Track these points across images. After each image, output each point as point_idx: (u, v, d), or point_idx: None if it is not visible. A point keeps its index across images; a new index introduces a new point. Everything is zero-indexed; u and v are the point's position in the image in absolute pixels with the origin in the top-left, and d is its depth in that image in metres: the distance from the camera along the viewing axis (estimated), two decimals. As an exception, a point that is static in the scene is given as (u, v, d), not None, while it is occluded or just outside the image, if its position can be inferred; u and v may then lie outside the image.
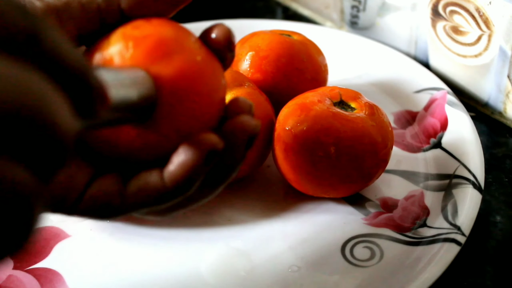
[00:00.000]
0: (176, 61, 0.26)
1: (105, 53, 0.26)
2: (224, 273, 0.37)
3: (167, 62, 0.26)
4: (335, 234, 0.39)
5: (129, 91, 0.23)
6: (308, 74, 0.45)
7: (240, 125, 0.27)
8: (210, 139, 0.25)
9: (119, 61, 0.26)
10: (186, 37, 0.27)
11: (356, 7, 0.58)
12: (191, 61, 0.26)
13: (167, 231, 0.40)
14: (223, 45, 0.28)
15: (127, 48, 0.26)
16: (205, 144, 0.25)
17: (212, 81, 0.27)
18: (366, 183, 0.39)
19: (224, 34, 0.28)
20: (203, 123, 0.26)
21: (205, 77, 0.27)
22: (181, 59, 0.26)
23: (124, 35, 0.26)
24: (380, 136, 0.38)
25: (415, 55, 0.55)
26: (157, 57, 0.26)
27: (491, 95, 0.49)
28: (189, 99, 0.26)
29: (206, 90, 0.26)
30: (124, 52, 0.26)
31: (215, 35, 0.28)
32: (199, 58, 0.27)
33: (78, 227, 0.41)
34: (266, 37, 0.45)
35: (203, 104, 0.26)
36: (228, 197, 0.42)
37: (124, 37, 0.26)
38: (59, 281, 0.37)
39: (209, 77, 0.27)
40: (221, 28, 0.28)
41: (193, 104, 0.26)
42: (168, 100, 0.25)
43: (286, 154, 0.39)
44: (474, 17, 0.46)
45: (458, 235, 0.36)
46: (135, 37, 0.26)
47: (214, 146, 0.25)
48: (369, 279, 0.36)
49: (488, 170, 0.44)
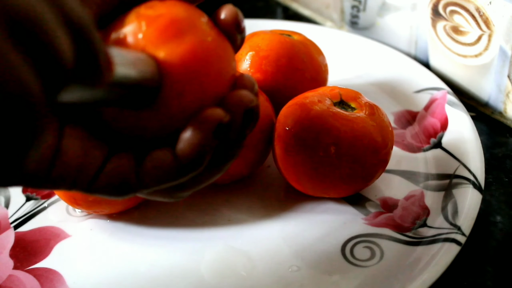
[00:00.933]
0: (186, 42, 0.26)
1: (120, 32, 0.27)
2: (224, 273, 0.37)
3: (178, 42, 0.26)
4: (335, 234, 0.39)
5: (130, 70, 0.24)
6: (308, 74, 0.45)
7: (237, 97, 0.27)
8: (216, 114, 0.26)
9: (132, 40, 0.26)
10: (198, 18, 0.28)
11: (356, 7, 0.58)
12: (201, 42, 0.27)
13: (167, 231, 0.40)
14: (231, 26, 0.28)
15: (140, 28, 0.26)
16: (212, 119, 0.26)
17: (221, 62, 0.27)
18: (366, 183, 0.39)
19: (232, 15, 0.28)
20: (211, 102, 0.27)
21: (215, 58, 0.27)
22: (191, 39, 0.26)
23: (138, 14, 0.27)
24: (380, 136, 0.38)
25: (415, 55, 0.55)
26: (169, 37, 0.26)
27: (491, 95, 0.49)
28: (198, 79, 0.26)
29: (215, 70, 0.27)
30: (137, 31, 0.26)
31: (223, 16, 0.28)
32: (209, 39, 0.27)
33: (78, 227, 0.41)
34: (266, 37, 0.45)
35: (212, 84, 0.27)
36: (228, 197, 0.42)
37: (138, 17, 0.27)
38: (59, 281, 0.37)
39: (218, 58, 0.27)
40: (229, 9, 0.28)
41: (202, 84, 0.26)
42: (177, 80, 0.26)
43: (286, 154, 0.39)
44: (474, 17, 0.46)
45: (458, 235, 0.36)
46: (148, 16, 0.27)
47: (220, 120, 0.26)
48: (369, 279, 0.36)
49: (488, 170, 0.44)
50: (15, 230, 0.41)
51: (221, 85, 0.27)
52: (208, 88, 0.27)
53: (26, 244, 0.40)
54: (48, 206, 0.42)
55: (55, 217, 0.41)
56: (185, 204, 0.42)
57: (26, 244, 0.40)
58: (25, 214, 0.42)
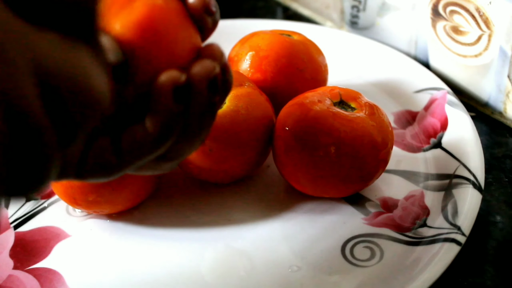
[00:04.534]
0: (136, 8, 0.26)
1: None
2: (224, 273, 0.37)
3: (128, 11, 0.26)
4: (335, 234, 0.39)
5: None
6: (308, 74, 0.45)
7: (197, 66, 0.27)
8: (169, 75, 0.26)
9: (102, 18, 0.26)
10: None
11: (356, 7, 0.58)
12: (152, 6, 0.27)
13: (167, 231, 0.40)
14: (199, 10, 0.29)
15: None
16: (167, 81, 0.26)
17: (178, 28, 0.27)
18: (366, 183, 0.39)
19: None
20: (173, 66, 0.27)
21: (170, 23, 0.27)
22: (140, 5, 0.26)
23: None
24: (380, 136, 0.38)
25: (415, 55, 0.55)
26: (120, 7, 0.26)
27: (491, 95, 0.49)
28: (156, 47, 0.26)
29: (172, 35, 0.27)
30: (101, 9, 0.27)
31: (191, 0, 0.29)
32: (160, 2, 0.27)
33: (78, 227, 0.41)
34: (266, 37, 0.45)
35: (170, 51, 0.27)
36: (228, 197, 0.42)
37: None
38: (59, 281, 0.37)
39: (174, 24, 0.27)
40: None
41: (161, 52, 0.26)
42: (137, 52, 0.26)
43: (286, 154, 0.39)
44: (474, 17, 0.46)
45: (458, 235, 0.36)
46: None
47: (175, 81, 0.26)
48: (369, 279, 0.36)
49: (488, 170, 0.44)
50: (15, 230, 0.41)
51: (180, 52, 0.27)
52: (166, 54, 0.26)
53: (26, 244, 0.40)
54: (48, 206, 0.42)
55: (55, 217, 0.41)
56: (185, 204, 0.42)
57: (26, 244, 0.40)
58: (25, 214, 0.42)
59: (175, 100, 0.26)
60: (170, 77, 0.26)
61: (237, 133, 0.39)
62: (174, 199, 0.42)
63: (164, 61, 0.27)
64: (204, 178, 0.42)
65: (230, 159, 0.40)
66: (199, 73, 0.27)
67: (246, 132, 0.39)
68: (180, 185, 0.43)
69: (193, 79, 0.27)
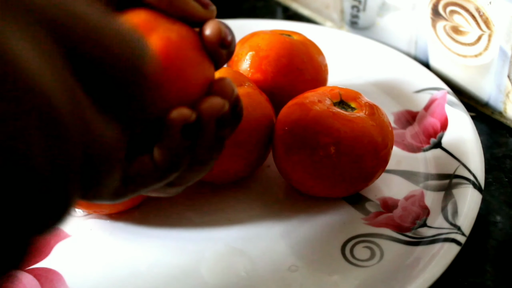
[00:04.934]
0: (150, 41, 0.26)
1: None
2: (224, 273, 0.37)
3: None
4: (335, 234, 0.39)
5: None
6: (308, 74, 0.45)
7: (207, 104, 0.27)
8: (180, 114, 0.26)
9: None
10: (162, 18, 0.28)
11: (356, 7, 0.58)
12: (166, 39, 0.27)
13: (167, 231, 0.40)
14: (215, 43, 0.28)
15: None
16: (176, 120, 0.26)
17: (190, 63, 0.27)
18: (366, 183, 0.39)
19: (215, 32, 0.28)
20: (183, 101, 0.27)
21: (183, 57, 0.27)
22: (155, 38, 0.26)
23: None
24: (380, 136, 0.38)
25: (415, 55, 0.55)
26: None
27: (491, 95, 0.49)
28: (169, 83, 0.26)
29: (184, 70, 0.27)
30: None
31: (207, 32, 0.29)
32: (174, 36, 0.27)
33: (78, 227, 0.41)
34: (266, 37, 0.45)
35: (182, 87, 0.27)
36: (228, 197, 0.42)
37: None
38: (59, 281, 0.37)
39: (187, 59, 0.27)
40: (212, 25, 0.28)
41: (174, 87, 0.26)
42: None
43: (286, 154, 0.39)
44: (474, 17, 0.46)
45: (458, 235, 0.36)
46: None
47: (185, 120, 0.26)
48: (369, 279, 0.36)
49: (488, 170, 0.44)
50: (15, 230, 0.41)
51: (193, 87, 0.27)
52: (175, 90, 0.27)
53: (26, 244, 0.40)
54: (48, 206, 0.42)
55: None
56: (185, 204, 0.42)
57: (26, 244, 0.40)
58: (25, 214, 0.42)
59: (184, 136, 0.26)
60: (180, 115, 0.26)
61: (237, 133, 0.39)
62: (174, 199, 0.42)
63: (176, 96, 0.27)
64: (204, 178, 0.42)
65: (230, 159, 0.40)
66: (208, 110, 0.27)
67: (246, 132, 0.39)
68: (180, 185, 0.43)
69: (202, 115, 0.27)
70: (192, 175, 0.29)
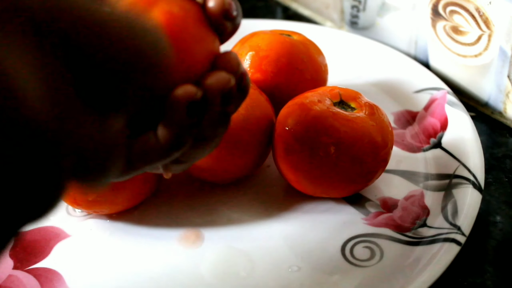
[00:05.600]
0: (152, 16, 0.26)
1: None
2: (224, 273, 0.37)
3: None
4: (335, 234, 0.39)
5: None
6: (308, 74, 0.45)
7: (212, 79, 0.27)
8: (185, 91, 0.26)
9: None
10: None
11: (356, 7, 0.58)
12: (167, 13, 0.26)
13: (167, 231, 0.40)
14: (219, 15, 0.28)
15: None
16: (182, 97, 0.26)
17: (192, 34, 0.27)
18: (366, 183, 0.39)
19: (219, 3, 0.28)
20: (188, 75, 0.27)
21: (186, 33, 0.26)
22: (157, 13, 0.26)
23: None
24: (380, 136, 0.38)
25: (415, 55, 0.55)
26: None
27: (491, 95, 0.49)
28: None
29: (186, 42, 0.26)
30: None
31: (211, 4, 0.28)
32: (176, 10, 0.26)
33: (78, 227, 0.41)
34: (266, 37, 0.45)
35: (186, 62, 0.26)
36: (228, 197, 0.42)
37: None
38: (59, 281, 0.37)
39: (190, 34, 0.27)
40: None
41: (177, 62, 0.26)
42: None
43: (286, 154, 0.39)
44: (474, 17, 0.46)
45: (458, 235, 0.36)
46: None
47: (191, 97, 0.26)
48: (369, 279, 0.36)
49: (488, 170, 0.44)
50: (15, 230, 0.41)
51: (196, 61, 0.27)
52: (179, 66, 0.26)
53: (26, 244, 0.40)
54: (48, 206, 0.42)
55: (55, 217, 0.41)
56: (185, 204, 0.42)
57: (26, 244, 0.40)
58: (25, 214, 0.42)
59: (188, 114, 0.26)
60: (185, 92, 0.26)
61: (237, 133, 0.39)
62: (174, 199, 0.42)
63: (180, 72, 0.26)
64: (204, 178, 0.42)
65: (230, 159, 0.40)
66: (213, 86, 0.27)
67: (246, 132, 0.39)
68: (180, 185, 0.43)
69: (207, 91, 0.27)
70: (197, 152, 0.29)
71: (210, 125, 0.28)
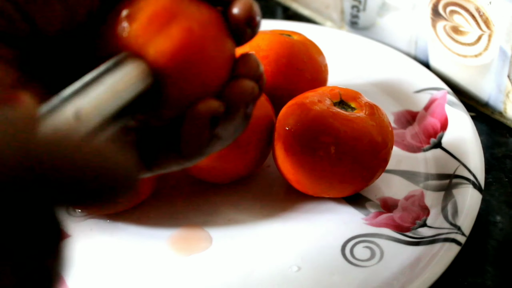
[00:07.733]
0: (172, 34, 0.25)
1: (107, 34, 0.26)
2: (224, 273, 0.37)
3: (164, 38, 0.25)
4: (335, 234, 0.39)
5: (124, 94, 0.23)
6: (308, 74, 0.45)
7: (237, 90, 0.27)
8: (208, 106, 0.26)
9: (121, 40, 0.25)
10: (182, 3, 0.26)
11: (356, 7, 0.58)
12: (188, 30, 0.25)
13: (167, 231, 0.40)
14: (242, 22, 0.27)
15: (124, 27, 0.25)
16: (205, 113, 0.25)
17: (214, 48, 0.26)
18: (366, 183, 0.39)
19: (246, 11, 0.27)
20: (209, 89, 0.26)
21: (206, 49, 0.26)
22: (177, 30, 0.25)
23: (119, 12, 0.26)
24: (380, 136, 0.38)
25: (415, 55, 0.55)
26: (154, 31, 0.25)
27: (491, 95, 0.49)
28: (191, 75, 0.25)
29: (209, 58, 0.26)
30: (123, 31, 0.25)
31: (236, 11, 0.27)
32: (196, 25, 0.26)
33: (78, 227, 0.41)
34: (266, 37, 0.45)
35: (205, 77, 0.26)
36: (228, 197, 0.42)
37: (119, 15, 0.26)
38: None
39: (211, 45, 0.26)
40: (243, 3, 0.27)
41: (196, 79, 0.26)
42: (171, 80, 0.25)
43: (286, 154, 0.39)
44: (474, 17, 0.46)
45: (458, 235, 0.36)
46: (130, 13, 0.25)
47: (214, 112, 0.26)
48: (369, 279, 0.36)
49: (488, 170, 0.44)
50: (15, 230, 0.41)
51: (216, 75, 0.27)
52: (202, 76, 0.26)
53: (26, 244, 0.40)
54: (48, 206, 0.42)
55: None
56: (185, 204, 0.42)
57: (26, 244, 0.40)
58: (25, 214, 0.42)
59: (212, 126, 0.26)
60: (208, 107, 0.25)
61: (237, 133, 0.39)
62: (174, 199, 0.42)
63: (199, 85, 0.26)
64: (204, 178, 0.42)
65: (230, 159, 0.40)
66: (237, 97, 0.26)
67: (246, 132, 0.39)
68: (180, 185, 0.43)
69: (230, 102, 0.26)
70: (210, 150, 0.28)
71: (232, 129, 0.28)
